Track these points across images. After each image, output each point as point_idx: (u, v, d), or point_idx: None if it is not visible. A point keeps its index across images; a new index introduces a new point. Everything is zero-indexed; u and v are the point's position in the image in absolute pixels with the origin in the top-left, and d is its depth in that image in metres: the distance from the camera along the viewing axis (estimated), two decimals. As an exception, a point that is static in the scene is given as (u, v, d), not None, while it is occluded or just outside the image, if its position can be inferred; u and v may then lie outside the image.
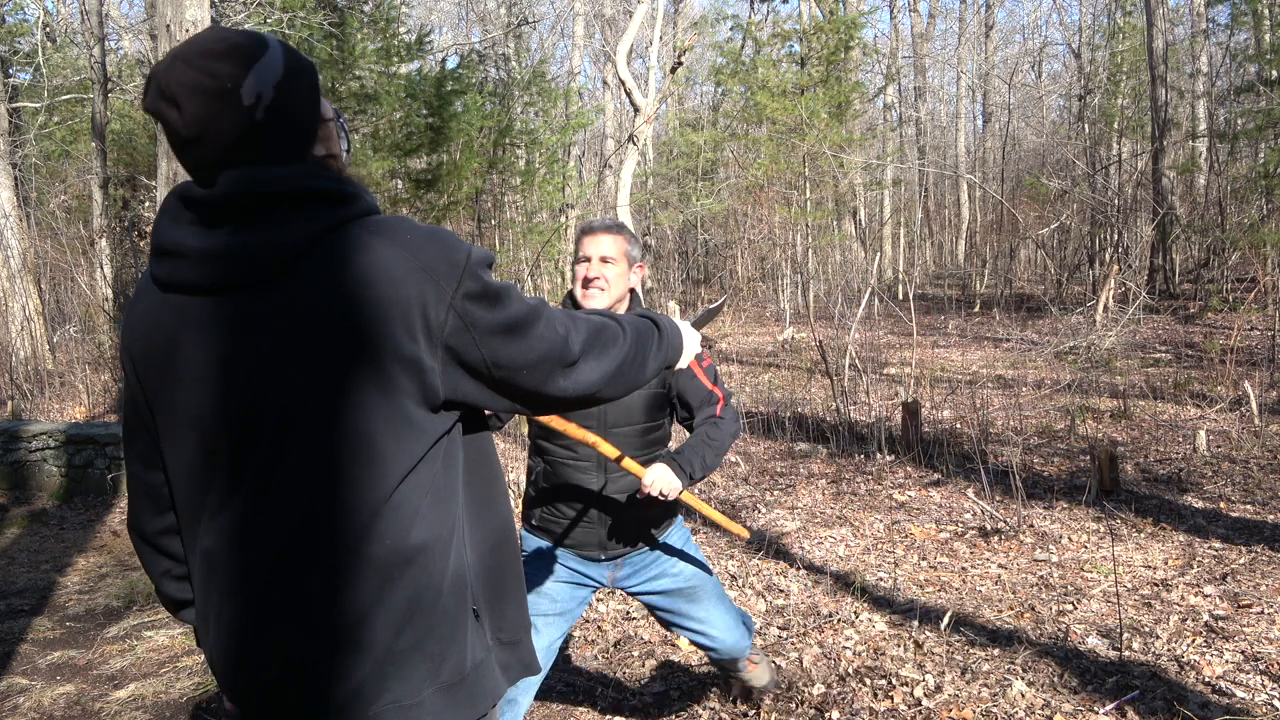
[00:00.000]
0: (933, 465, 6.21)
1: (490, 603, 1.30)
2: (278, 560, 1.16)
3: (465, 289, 1.18)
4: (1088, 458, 5.91)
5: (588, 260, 2.41)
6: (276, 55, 1.17)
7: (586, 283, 2.40)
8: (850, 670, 3.44)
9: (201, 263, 1.15)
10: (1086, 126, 21.02)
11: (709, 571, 2.66)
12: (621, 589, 2.61)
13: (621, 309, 2.48)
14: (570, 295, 2.51)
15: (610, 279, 2.41)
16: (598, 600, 4.27)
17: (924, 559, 4.66)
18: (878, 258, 18.98)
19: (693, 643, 2.69)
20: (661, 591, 2.59)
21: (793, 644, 3.69)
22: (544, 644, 2.45)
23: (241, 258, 1.13)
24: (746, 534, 2.65)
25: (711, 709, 3.23)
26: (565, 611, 2.52)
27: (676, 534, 2.62)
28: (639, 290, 2.56)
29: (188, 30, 6.37)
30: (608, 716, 3.28)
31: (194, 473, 1.21)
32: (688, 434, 2.51)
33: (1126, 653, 3.45)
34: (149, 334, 1.23)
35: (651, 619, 4.03)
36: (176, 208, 1.18)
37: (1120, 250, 16.24)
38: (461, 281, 1.17)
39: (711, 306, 1.99)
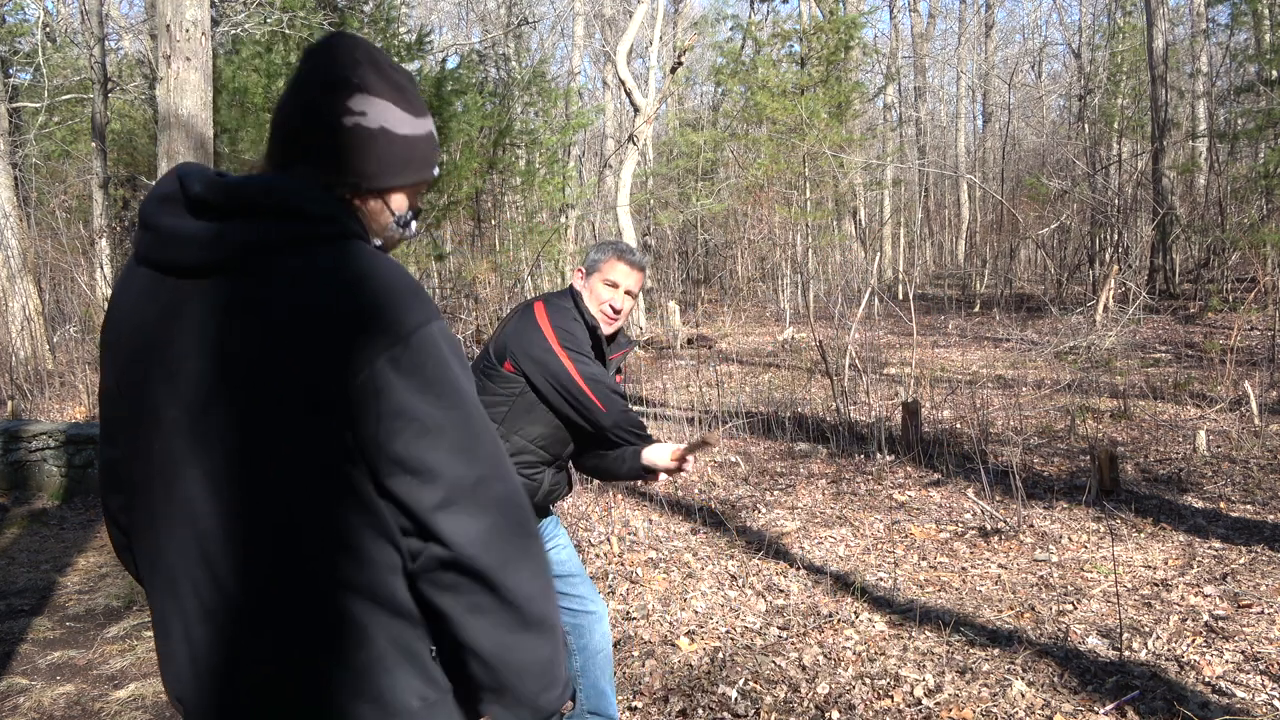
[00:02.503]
0: (933, 465, 6.21)
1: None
2: (251, 571, 1.14)
3: (393, 354, 1.08)
4: (1088, 458, 5.91)
5: (615, 287, 2.54)
6: (407, 116, 1.23)
7: (613, 310, 2.55)
8: (850, 670, 3.44)
9: (184, 244, 1.15)
10: (1086, 126, 21.03)
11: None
12: None
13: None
14: (571, 292, 2.59)
15: (626, 311, 2.59)
16: (598, 600, 4.28)
17: (924, 559, 4.66)
18: (878, 258, 18.98)
19: (570, 622, 2.74)
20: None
21: (793, 644, 3.69)
22: None
23: (214, 244, 1.13)
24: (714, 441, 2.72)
25: (710, 708, 3.23)
26: None
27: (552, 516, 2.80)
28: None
29: (187, 30, 6.37)
30: (608, 716, 3.28)
31: (163, 460, 1.17)
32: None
33: (1126, 653, 3.45)
34: (134, 312, 1.21)
35: (650, 619, 4.03)
36: (172, 186, 1.18)
37: (1120, 250, 16.25)
38: (395, 345, 1.08)
39: (694, 441, 2.10)
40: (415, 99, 1.25)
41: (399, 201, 1.27)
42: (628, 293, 2.53)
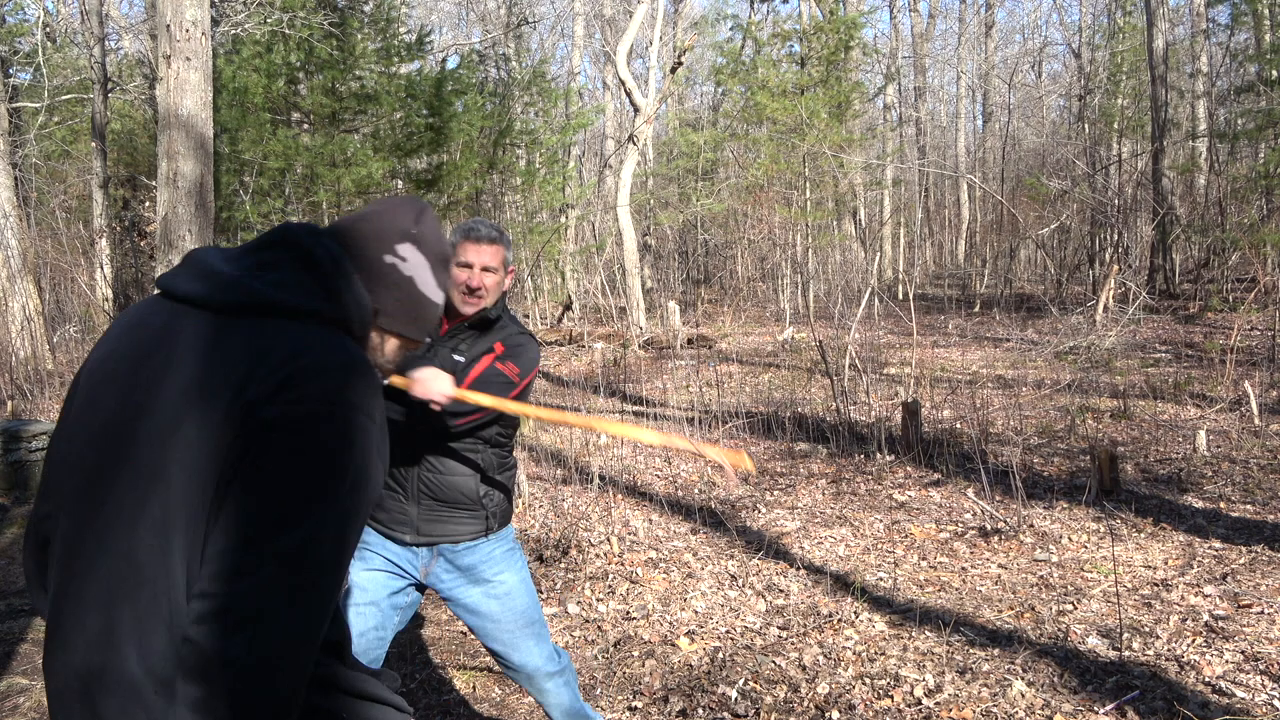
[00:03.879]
0: (933, 465, 6.21)
1: None
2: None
3: (316, 411, 1.11)
4: (1088, 458, 5.91)
5: (469, 268, 2.44)
6: (433, 283, 1.40)
7: (470, 291, 2.43)
8: (850, 670, 3.44)
9: (216, 281, 1.23)
10: (1086, 126, 21.04)
11: (529, 593, 2.57)
12: (433, 587, 2.56)
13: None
14: None
15: (490, 288, 2.46)
16: (597, 600, 4.27)
17: (924, 559, 4.66)
18: (878, 258, 18.98)
19: (493, 657, 2.63)
20: (467, 604, 2.53)
21: (793, 644, 3.70)
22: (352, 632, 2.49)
23: (234, 289, 1.20)
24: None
25: (710, 708, 3.23)
26: (374, 601, 2.47)
27: (499, 545, 2.55)
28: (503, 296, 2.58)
29: (187, 30, 6.37)
30: (608, 716, 3.28)
31: (141, 465, 1.15)
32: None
33: (1126, 653, 3.45)
34: (141, 326, 1.25)
35: (650, 619, 4.04)
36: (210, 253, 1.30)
37: (1120, 250, 16.25)
38: (321, 406, 1.12)
39: None
40: (445, 279, 1.42)
41: (391, 346, 1.38)
42: (485, 269, 2.43)
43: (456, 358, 2.47)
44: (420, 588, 2.58)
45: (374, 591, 2.49)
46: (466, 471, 2.47)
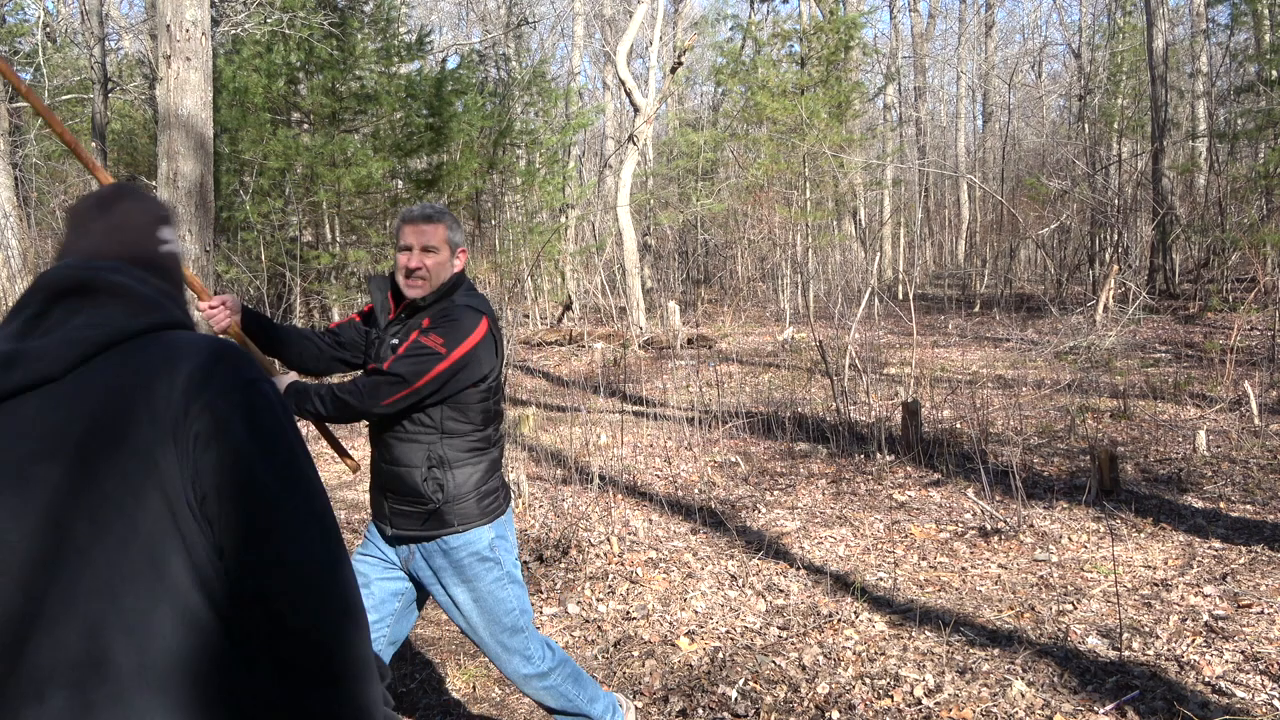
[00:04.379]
0: (933, 465, 6.21)
1: None
2: None
3: (235, 399, 1.14)
4: (1088, 458, 5.91)
5: (409, 250, 2.44)
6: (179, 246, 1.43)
7: (409, 273, 2.43)
8: (850, 670, 3.44)
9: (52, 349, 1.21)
10: (1086, 126, 21.04)
11: (498, 604, 2.53)
12: (416, 579, 2.60)
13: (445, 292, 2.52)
14: (390, 277, 2.57)
15: (431, 268, 2.44)
16: (597, 600, 4.27)
17: (924, 559, 4.66)
18: (878, 258, 18.98)
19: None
20: (440, 603, 2.57)
21: (793, 644, 3.70)
22: None
23: (73, 344, 1.17)
24: (354, 466, 2.73)
25: (710, 708, 3.23)
26: (367, 584, 2.54)
27: (468, 551, 2.49)
28: (465, 274, 2.57)
29: (187, 30, 6.37)
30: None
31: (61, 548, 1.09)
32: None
33: (1126, 653, 3.45)
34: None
35: (650, 619, 4.04)
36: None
37: (1120, 250, 16.26)
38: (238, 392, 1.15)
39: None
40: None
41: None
42: (425, 250, 2.42)
43: (394, 342, 2.49)
44: (415, 579, 2.61)
45: (367, 574, 2.57)
46: (410, 461, 2.45)
